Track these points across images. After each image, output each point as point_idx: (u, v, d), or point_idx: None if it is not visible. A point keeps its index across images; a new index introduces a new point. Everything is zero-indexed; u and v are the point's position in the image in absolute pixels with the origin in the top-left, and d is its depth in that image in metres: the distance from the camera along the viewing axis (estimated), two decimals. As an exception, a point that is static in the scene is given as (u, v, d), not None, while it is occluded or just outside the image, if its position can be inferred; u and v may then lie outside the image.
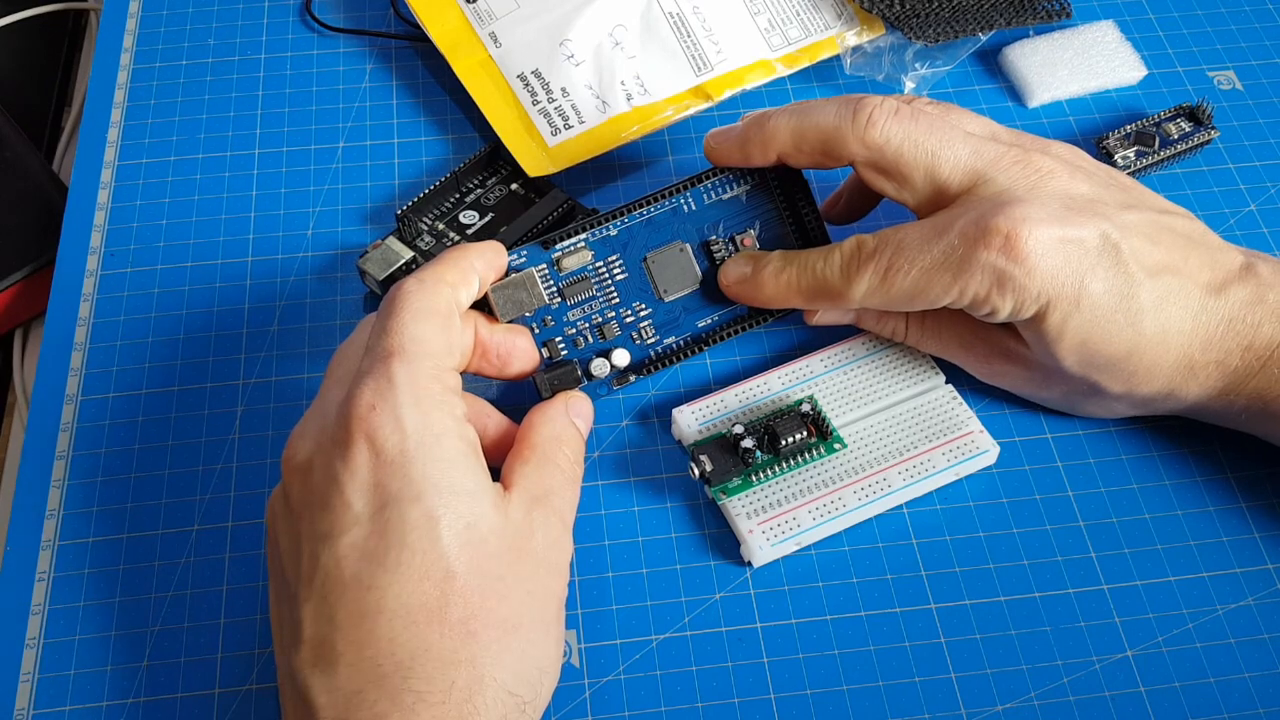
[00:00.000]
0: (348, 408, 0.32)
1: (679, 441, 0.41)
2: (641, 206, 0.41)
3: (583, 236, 0.40)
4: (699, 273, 0.41)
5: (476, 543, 0.31)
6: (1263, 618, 0.37)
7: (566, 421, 0.37)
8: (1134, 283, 0.35)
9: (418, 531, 0.31)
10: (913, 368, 0.40)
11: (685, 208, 0.42)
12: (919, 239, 0.36)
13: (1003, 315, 0.36)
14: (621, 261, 0.41)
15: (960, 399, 0.40)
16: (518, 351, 0.38)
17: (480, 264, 0.37)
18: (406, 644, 0.30)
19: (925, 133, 0.37)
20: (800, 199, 0.42)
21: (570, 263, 0.40)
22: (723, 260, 0.41)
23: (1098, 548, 0.38)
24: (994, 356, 0.39)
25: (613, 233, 0.41)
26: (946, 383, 0.40)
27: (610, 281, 0.41)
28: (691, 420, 0.40)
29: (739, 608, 0.37)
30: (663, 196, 0.41)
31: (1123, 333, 0.35)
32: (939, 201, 0.37)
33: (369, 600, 0.30)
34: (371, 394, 0.32)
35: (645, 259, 0.41)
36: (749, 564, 0.38)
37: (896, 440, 0.39)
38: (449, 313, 0.35)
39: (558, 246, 0.40)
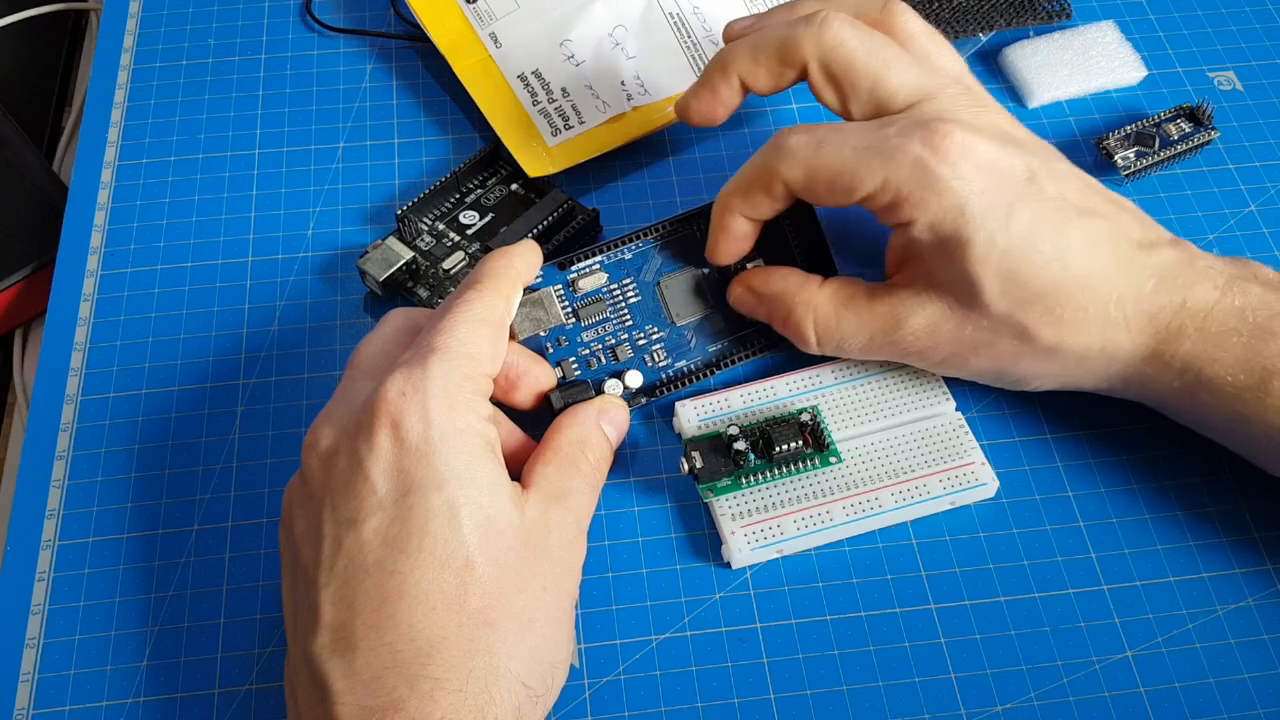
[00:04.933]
0: (378, 394, 0.32)
1: (679, 435, 0.41)
2: (655, 232, 0.42)
3: (598, 259, 0.41)
4: (711, 299, 0.42)
5: (495, 535, 0.32)
6: (1263, 618, 0.37)
7: (594, 426, 0.37)
8: (1063, 218, 0.35)
9: (439, 519, 0.31)
10: (924, 391, 0.40)
11: (698, 234, 0.42)
12: (858, 125, 0.36)
13: (924, 221, 0.35)
14: (635, 285, 0.41)
15: (967, 428, 0.39)
16: (529, 378, 0.38)
17: (523, 267, 0.37)
18: (426, 631, 0.30)
19: (880, 44, 0.37)
20: (808, 229, 0.43)
21: (586, 284, 0.41)
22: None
23: (1098, 548, 0.38)
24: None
25: (627, 256, 0.41)
26: (957, 410, 0.40)
27: (624, 304, 0.41)
28: (693, 415, 0.40)
29: (739, 608, 0.37)
30: (676, 224, 0.42)
31: (1050, 265, 0.34)
32: (882, 116, 0.37)
33: (390, 585, 0.30)
34: (404, 382, 0.32)
35: (658, 283, 0.42)
36: (728, 564, 0.38)
37: (895, 461, 0.39)
38: (501, 323, 0.36)
39: (574, 268, 0.41)
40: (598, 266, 0.41)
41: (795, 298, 0.39)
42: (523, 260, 0.38)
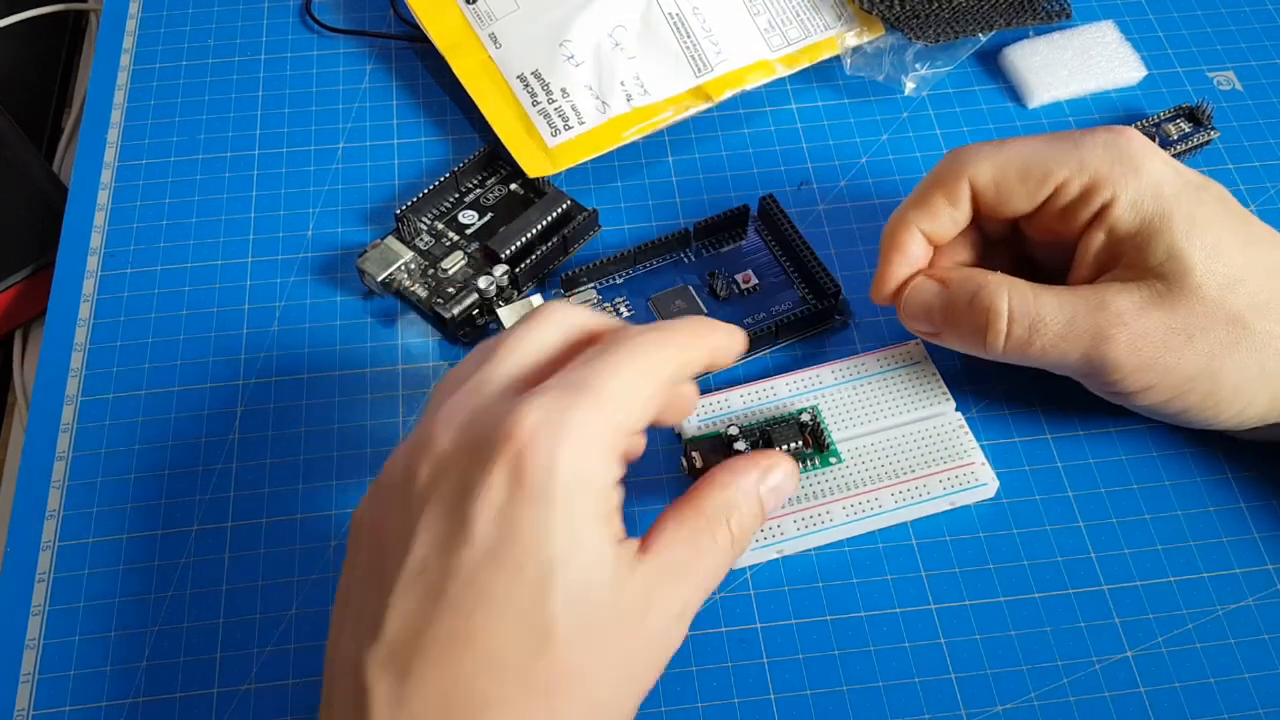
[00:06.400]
0: (512, 419, 0.29)
1: (679, 435, 0.41)
2: (644, 260, 0.44)
3: (591, 285, 0.43)
4: (704, 309, 0.43)
5: (587, 609, 0.28)
6: (1263, 618, 0.37)
7: (752, 492, 0.32)
8: (1243, 214, 0.36)
9: (532, 578, 0.28)
10: (923, 391, 0.40)
11: (685, 260, 0.44)
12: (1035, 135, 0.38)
13: (1125, 200, 0.35)
14: (627, 301, 0.42)
15: (967, 428, 0.39)
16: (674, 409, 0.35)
17: (725, 345, 0.34)
18: (483, 688, 0.28)
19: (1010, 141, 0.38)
20: (791, 236, 0.44)
21: (577, 301, 0.42)
22: (725, 297, 0.43)
23: (1098, 548, 0.38)
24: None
25: (618, 281, 0.43)
26: (956, 410, 0.40)
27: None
28: (692, 415, 0.40)
29: (739, 608, 0.37)
30: (664, 250, 0.44)
31: (1246, 246, 0.35)
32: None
33: (462, 628, 0.28)
34: (543, 415, 0.29)
35: (651, 299, 0.43)
36: None
37: (895, 462, 0.39)
38: (672, 385, 0.32)
39: (564, 294, 0.43)
40: (591, 289, 0.43)
41: (985, 275, 0.37)
42: (727, 339, 0.34)
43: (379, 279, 0.43)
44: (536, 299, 0.42)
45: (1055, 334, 0.35)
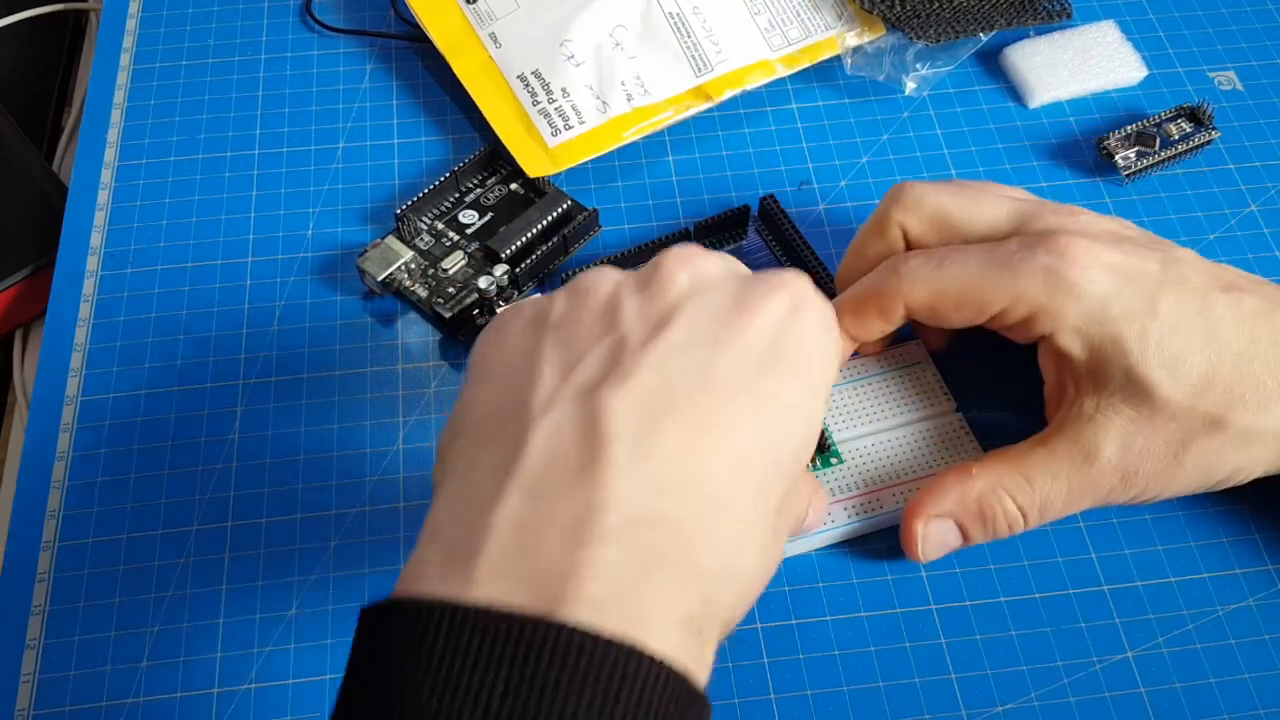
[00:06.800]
0: (785, 278, 0.30)
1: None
2: (645, 260, 0.43)
3: None
4: None
5: (793, 467, 0.29)
6: (1263, 618, 0.37)
7: (806, 496, 0.35)
8: (1205, 298, 0.34)
9: (779, 404, 0.28)
10: (924, 392, 0.40)
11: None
12: (975, 246, 0.36)
13: (1067, 330, 0.34)
14: None
15: (968, 430, 0.39)
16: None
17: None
18: (719, 488, 0.27)
19: (957, 188, 0.38)
20: (792, 236, 0.43)
21: None
22: None
23: (1098, 548, 0.38)
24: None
25: None
26: (956, 411, 0.40)
27: None
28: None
29: (739, 608, 0.37)
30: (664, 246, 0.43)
31: (1209, 344, 0.34)
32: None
33: (713, 422, 0.27)
34: (812, 296, 0.30)
35: None
36: None
37: (896, 463, 0.39)
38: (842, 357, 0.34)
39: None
40: None
41: (975, 493, 0.36)
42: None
43: (379, 279, 0.43)
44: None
45: (1062, 504, 0.35)
